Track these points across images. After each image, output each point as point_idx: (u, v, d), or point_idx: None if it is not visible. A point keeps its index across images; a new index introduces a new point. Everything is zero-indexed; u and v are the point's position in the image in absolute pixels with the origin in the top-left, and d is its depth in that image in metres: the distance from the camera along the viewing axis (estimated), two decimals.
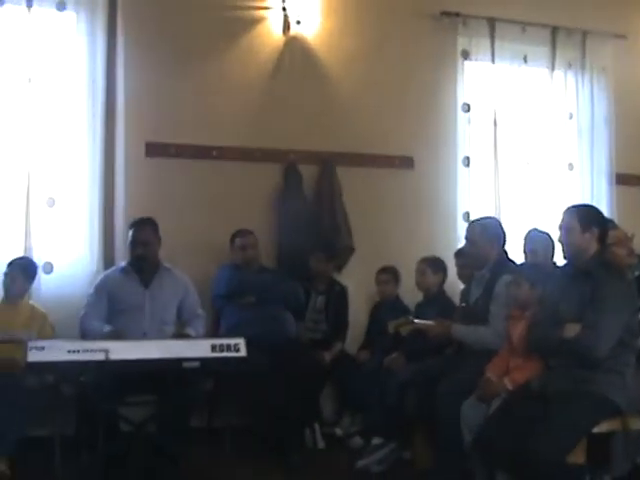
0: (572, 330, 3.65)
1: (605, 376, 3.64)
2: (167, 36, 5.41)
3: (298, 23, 5.65)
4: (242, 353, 3.98)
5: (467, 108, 6.09)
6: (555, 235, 4.10)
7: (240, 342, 4.01)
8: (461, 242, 5.29)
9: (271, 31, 5.68)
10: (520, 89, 6.29)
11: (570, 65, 6.39)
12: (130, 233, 4.82)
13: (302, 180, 5.73)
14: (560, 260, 4.42)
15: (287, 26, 5.67)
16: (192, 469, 4.49)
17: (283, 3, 5.64)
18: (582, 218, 3.84)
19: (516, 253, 4.95)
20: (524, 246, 5.11)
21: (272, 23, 5.68)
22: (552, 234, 4.79)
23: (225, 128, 5.56)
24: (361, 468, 4.62)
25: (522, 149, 6.30)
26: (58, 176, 5.20)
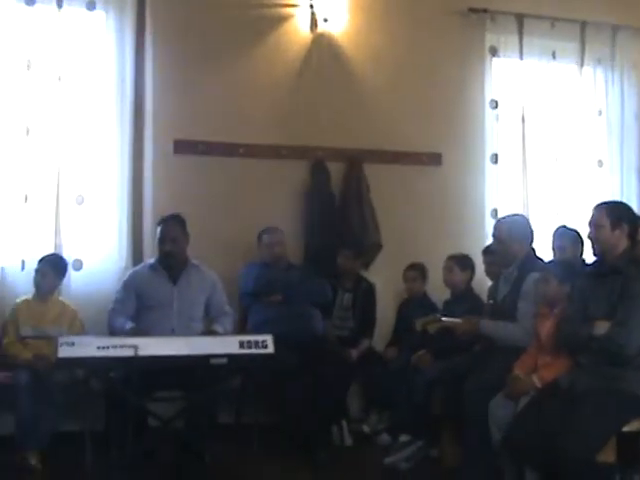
0: (602, 327, 3.62)
1: (635, 374, 3.61)
2: (195, 34, 5.43)
3: (325, 21, 5.65)
4: (270, 350, 4.00)
5: (495, 105, 6.05)
6: (584, 232, 4.06)
7: (268, 339, 4.02)
8: (489, 239, 5.26)
9: (298, 29, 5.68)
10: (549, 85, 6.23)
11: (600, 61, 6.32)
12: (158, 230, 4.83)
13: (330, 177, 5.72)
14: (589, 257, 4.38)
15: (314, 24, 5.67)
16: (219, 466, 4.51)
17: (310, 1, 5.64)
18: (612, 215, 3.81)
19: (544, 250, 4.92)
20: (552, 243, 5.06)
21: (299, 21, 5.68)
22: (581, 231, 4.75)
23: (253, 125, 5.56)
24: (388, 465, 4.62)
25: (551, 146, 6.24)
26: (87, 174, 5.27)
